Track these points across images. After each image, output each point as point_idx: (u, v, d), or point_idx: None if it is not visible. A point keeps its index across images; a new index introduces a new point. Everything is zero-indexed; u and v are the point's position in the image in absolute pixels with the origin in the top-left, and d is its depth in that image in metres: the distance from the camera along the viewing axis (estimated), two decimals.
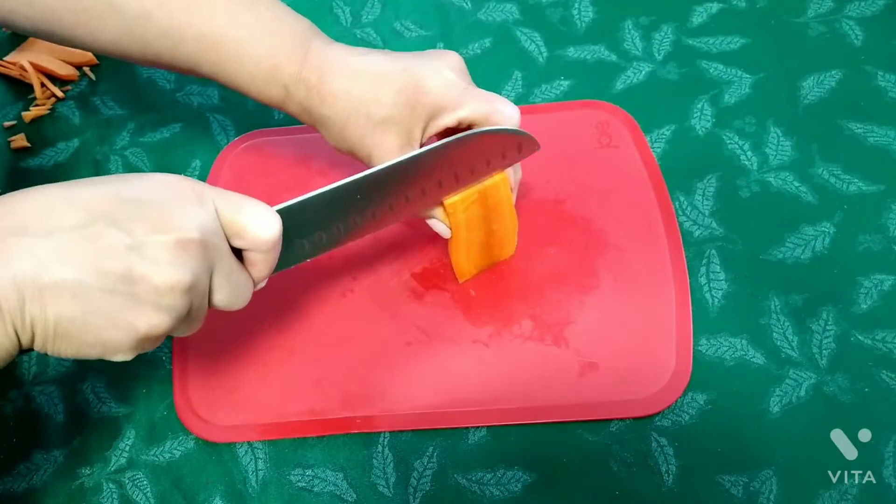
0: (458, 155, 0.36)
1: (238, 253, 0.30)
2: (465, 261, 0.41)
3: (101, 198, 0.26)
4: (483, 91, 0.36)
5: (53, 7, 0.36)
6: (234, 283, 0.30)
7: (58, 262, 0.25)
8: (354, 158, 0.38)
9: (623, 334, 0.40)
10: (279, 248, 0.30)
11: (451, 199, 0.37)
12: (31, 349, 0.27)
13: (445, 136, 0.39)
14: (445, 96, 0.35)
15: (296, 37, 0.36)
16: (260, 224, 0.29)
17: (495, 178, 0.38)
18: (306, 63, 0.36)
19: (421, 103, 0.35)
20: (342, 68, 0.35)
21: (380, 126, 0.35)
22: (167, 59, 0.37)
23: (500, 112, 0.36)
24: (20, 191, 0.26)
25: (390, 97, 0.34)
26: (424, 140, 0.37)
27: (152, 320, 0.27)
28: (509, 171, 0.39)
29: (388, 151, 0.35)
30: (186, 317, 0.28)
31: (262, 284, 0.32)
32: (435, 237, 0.43)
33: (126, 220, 0.26)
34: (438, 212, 0.39)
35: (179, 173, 0.50)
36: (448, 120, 0.36)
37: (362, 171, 0.34)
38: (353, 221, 0.35)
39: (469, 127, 0.37)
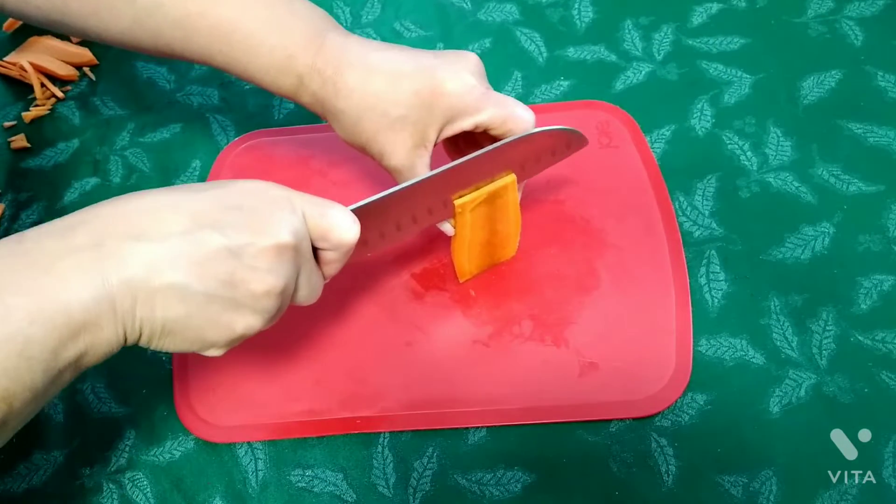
0: (515, 153, 0.37)
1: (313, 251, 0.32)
2: (466, 261, 0.41)
3: (206, 206, 0.28)
4: (500, 95, 0.36)
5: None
6: (314, 282, 0.32)
7: (167, 267, 0.26)
8: (364, 153, 0.37)
9: (623, 335, 0.40)
10: (353, 248, 0.32)
11: (461, 200, 0.37)
12: (133, 345, 0.28)
13: (460, 139, 0.39)
14: (464, 100, 0.34)
15: (311, 27, 0.36)
16: (343, 227, 0.31)
17: (505, 180, 0.38)
18: (321, 54, 0.35)
19: (438, 105, 0.34)
20: (359, 62, 0.35)
21: (395, 124, 0.35)
22: (179, 50, 0.37)
23: (518, 117, 0.35)
24: (129, 195, 0.28)
25: (407, 97, 0.34)
26: (438, 141, 0.37)
27: (249, 321, 0.29)
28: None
29: (401, 151, 0.35)
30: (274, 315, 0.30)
31: (328, 280, 0.34)
32: (435, 238, 0.43)
33: (228, 227, 0.27)
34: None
35: (179, 174, 0.51)
36: (465, 124, 0.35)
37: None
38: (413, 218, 0.36)
39: (486, 131, 0.36)
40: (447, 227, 0.39)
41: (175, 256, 0.26)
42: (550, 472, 0.37)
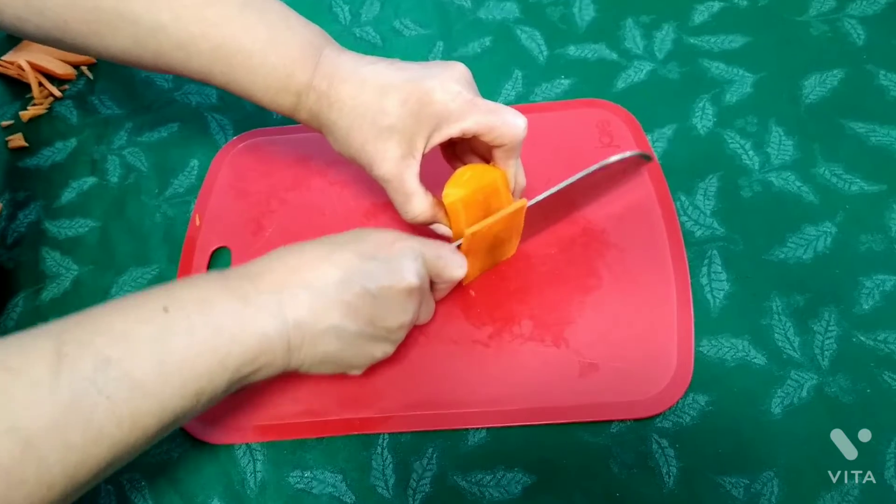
0: (589, 182, 0.41)
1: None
2: (470, 266, 0.41)
3: (351, 259, 0.33)
4: (488, 102, 0.36)
5: (65, 17, 0.36)
6: (429, 308, 0.39)
7: (328, 311, 0.32)
8: (356, 164, 0.38)
9: (624, 335, 0.40)
10: None
11: (472, 229, 0.37)
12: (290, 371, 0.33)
13: (457, 147, 0.40)
14: (448, 107, 0.35)
15: (307, 46, 0.37)
16: (455, 267, 0.37)
17: (495, 175, 0.38)
18: (317, 71, 0.36)
19: (425, 113, 0.35)
20: (351, 76, 0.36)
21: (383, 134, 0.35)
22: (179, 69, 0.38)
23: (507, 122, 0.36)
24: (290, 249, 0.34)
25: (395, 107, 0.35)
26: (427, 151, 0.37)
27: (385, 349, 0.36)
28: (511, 173, 0.38)
29: (389, 160, 0.36)
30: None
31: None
32: (435, 238, 0.43)
33: (370, 276, 0.33)
34: (440, 214, 0.39)
35: (177, 173, 0.51)
36: (451, 131, 0.36)
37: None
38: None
39: (474, 138, 0.37)
40: (444, 230, 0.39)
41: (333, 303, 0.32)
42: (551, 474, 0.37)
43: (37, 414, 0.25)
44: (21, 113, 0.55)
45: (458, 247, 0.39)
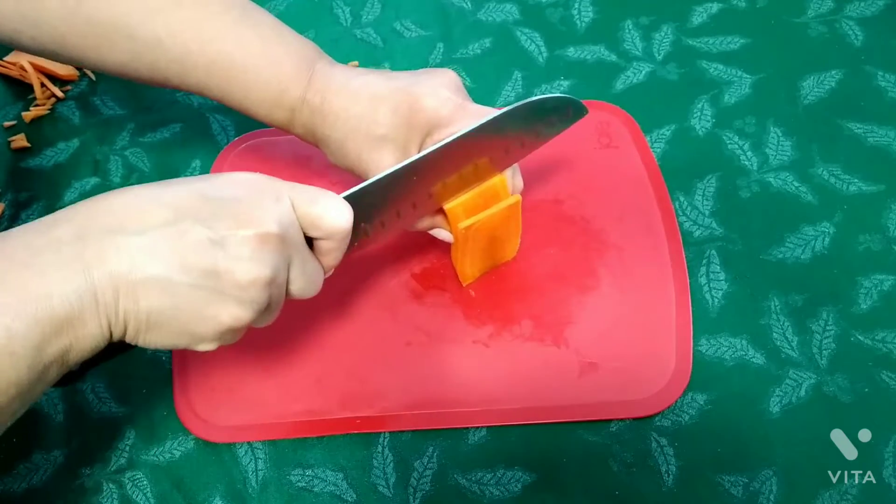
0: (508, 128, 0.36)
1: (309, 243, 0.31)
2: (468, 265, 0.41)
3: (187, 197, 0.28)
4: (478, 106, 0.36)
5: (62, 31, 0.36)
6: (309, 273, 0.31)
7: (149, 259, 0.26)
8: (352, 175, 0.38)
9: (623, 334, 0.40)
10: (349, 236, 0.32)
11: (452, 204, 0.37)
12: (119, 341, 0.28)
13: None
14: (440, 113, 0.35)
15: (300, 61, 0.37)
16: (335, 214, 0.30)
17: (494, 181, 0.38)
18: (311, 86, 0.37)
19: (417, 120, 0.35)
20: (342, 88, 0.36)
21: (377, 144, 0.36)
22: (176, 83, 0.38)
23: None
24: (113, 191, 0.28)
25: (387, 116, 0.35)
26: None
27: (235, 313, 0.28)
28: (508, 176, 0.39)
29: (385, 168, 0.36)
30: (266, 308, 0.30)
31: (330, 273, 0.33)
32: (435, 237, 0.43)
33: (210, 218, 0.27)
34: (440, 220, 0.39)
35: (179, 173, 0.51)
36: (443, 135, 0.36)
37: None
38: (413, 204, 0.36)
39: None
40: (444, 234, 0.39)
41: (156, 248, 0.26)
42: (550, 472, 0.37)
43: None
44: (23, 113, 0.56)
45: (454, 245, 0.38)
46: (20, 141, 0.54)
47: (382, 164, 0.36)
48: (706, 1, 0.55)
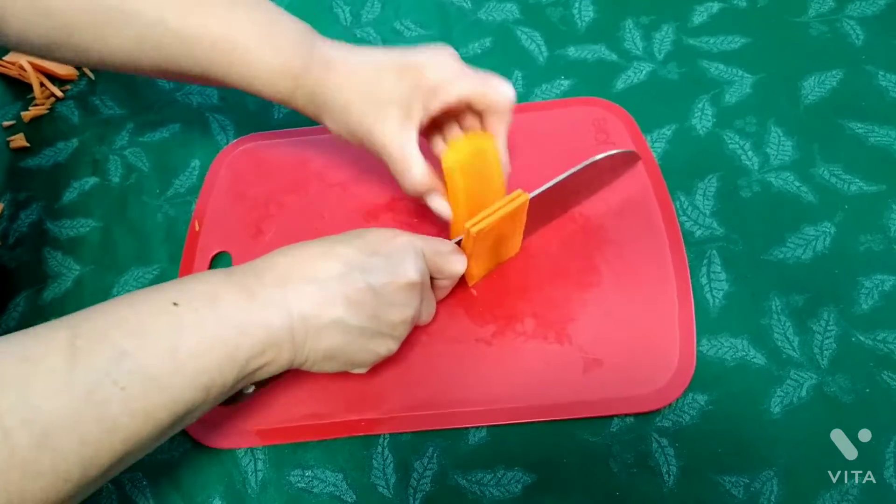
0: (575, 182, 0.42)
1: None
2: (475, 266, 0.41)
3: (353, 253, 0.34)
4: (479, 70, 0.38)
5: (70, 17, 0.37)
6: (431, 307, 0.40)
7: (331, 305, 0.32)
8: (355, 141, 0.39)
9: (625, 331, 0.40)
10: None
11: (478, 227, 0.37)
12: (296, 368, 0.34)
13: (436, 130, 0.42)
14: (443, 76, 0.37)
15: (300, 35, 0.39)
16: (454, 262, 0.38)
17: (488, 141, 0.39)
18: (313, 57, 0.38)
19: (421, 83, 0.37)
20: (347, 58, 0.38)
21: (381, 105, 0.37)
22: (176, 68, 0.39)
23: (495, 88, 0.38)
24: (293, 247, 0.34)
25: (392, 81, 0.37)
26: (424, 120, 0.38)
27: (389, 346, 0.36)
28: (501, 144, 0.40)
29: (389, 127, 0.37)
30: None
31: (439, 301, 0.42)
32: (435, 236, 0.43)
33: (371, 270, 0.33)
34: (439, 184, 0.40)
35: (178, 173, 0.51)
36: (447, 97, 0.37)
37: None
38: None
39: (469, 107, 0.39)
40: (443, 208, 0.40)
41: (336, 297, 0.32)
42: (551, 473, 0.37)
43: (53, 405, 0.25)
44: (23, 113, 0.56)
45: (458, 243, 0.39)
46: (19, 140, 0.54)
47: (386, 122, 0.37)
48: (707, 0, 0.55)
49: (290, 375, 0.41)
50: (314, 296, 0.32)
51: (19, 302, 0.47)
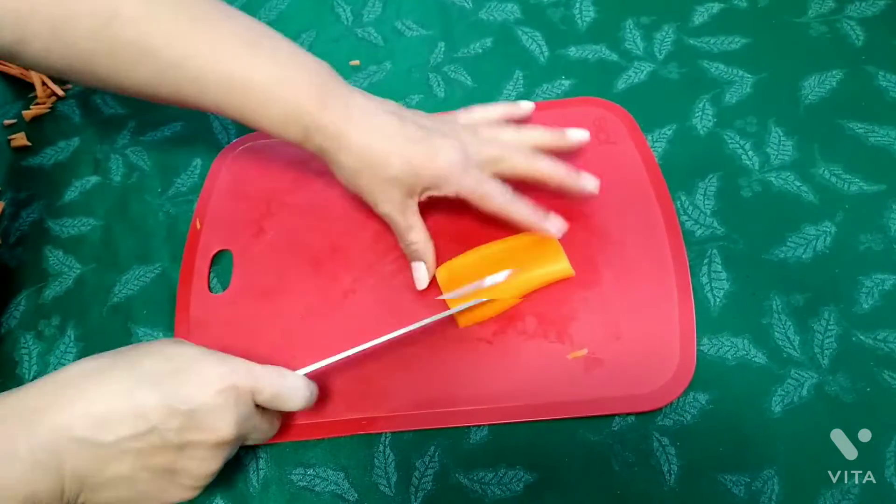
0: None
1: None
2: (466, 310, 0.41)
3: (156, 408, 0.31)
4: (479, 173, 0.40)
5: (91, 49, 0.37)
6: (265, 432, 0.37)
7: (115, 461, 0.31)
8: (360, 198, 0.42)
9: (626, 330, 0.40)
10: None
11: (468, 322, 0.41)
12: None
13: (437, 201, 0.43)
14: (445, 172, 0.39)
15: (314, 81, 0.39)
16: (295, 400, 0.36)
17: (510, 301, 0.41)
18: (326, 111, 0.39)
19: (424, 174, 0.39)
20: (359, 123, 0.39)
21: (388, 182, 0.40)
22: (193, 102, 0.39)
23: (489, 195, 0.40)
24: (87, 372, 0.32)
25: (399, 164, 0.39)
26: (422, 198, 0.41)
27: (187, 495, 0.34)
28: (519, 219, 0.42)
29: (393, 201, 0.40)
30: None
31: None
32: (436, 236, 0.43)
33: (175, 429, 0.31)
34: (432, 248, 0.43)
35: (180, 172, 0.51)
36: (446, 192, 0.40)
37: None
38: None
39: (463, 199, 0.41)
40: (422, 272, 0.43)
41: (125, 453, 0.31)
42: (552, 472, 0.37)
43: None
44: (24, 112, 0.56)
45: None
46: (20, 139, 0.54)
47: (391, 196, 0.40)
48: (707, 1, 0.55)
49: None
50: (95, 453, 0.30)
51: (20, 301, 0.47)
